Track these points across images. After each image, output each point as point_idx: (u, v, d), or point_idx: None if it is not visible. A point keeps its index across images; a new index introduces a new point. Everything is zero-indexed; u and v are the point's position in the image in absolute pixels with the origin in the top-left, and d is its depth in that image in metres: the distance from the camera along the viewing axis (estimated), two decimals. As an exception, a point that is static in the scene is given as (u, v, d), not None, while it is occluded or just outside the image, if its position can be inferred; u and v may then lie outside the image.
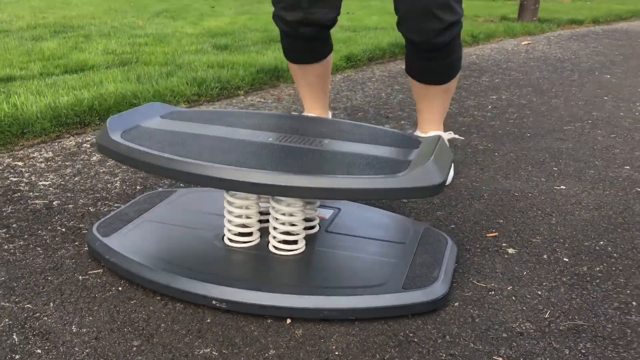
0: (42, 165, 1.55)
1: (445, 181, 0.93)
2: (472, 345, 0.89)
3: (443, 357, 0.86)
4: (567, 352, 0.88)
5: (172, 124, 1.13)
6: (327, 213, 1.22)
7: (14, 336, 0.87)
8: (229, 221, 1.07)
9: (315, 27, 1.47)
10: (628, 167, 1.69)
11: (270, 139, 1.06)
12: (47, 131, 1.78)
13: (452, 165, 1.61)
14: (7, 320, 0.91)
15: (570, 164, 1.70)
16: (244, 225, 1.08)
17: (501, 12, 6.42)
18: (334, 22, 1.49)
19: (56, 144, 1.72)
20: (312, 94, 1.72)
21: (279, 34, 1.61)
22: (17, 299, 0.96)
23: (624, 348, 0.89)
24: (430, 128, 1.61)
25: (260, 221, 1.11)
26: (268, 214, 1.14)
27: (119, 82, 2.28)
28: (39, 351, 0.84)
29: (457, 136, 1.69)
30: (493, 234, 1.26)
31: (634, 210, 1.40)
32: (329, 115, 1.82)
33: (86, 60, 2.80)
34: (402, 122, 2.11)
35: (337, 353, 0.86)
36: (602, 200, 1.45)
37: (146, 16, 5.57)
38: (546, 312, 0.98)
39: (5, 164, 1.55)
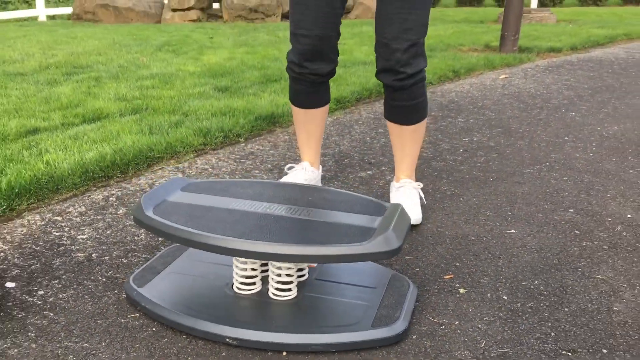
0: (78, 219, 1.85)
1: (401, 246, 1.23)
2: (422, 370, 1.19)
3: (399, 380, 1.15)
4: (493, 374, 1.17)
5: (190, 197, 1.43)
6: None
7: (79, 369, 1.16)
8: (236, 273, 1.37)
9: (318, 77, 1.92)
10: (572, 210, 2.00)
11: (268, 210, 1.36)
12: (77, 186, 2.08)
13: (421, 209, 1.92)
14: (71, 356, 1.20)
15: (523, 208, 2.01)
16: (248, 276, 1.38)
17: (485, 39, 6.77)
18: (333, 72, 1.95)
19: (86, 197, 2.03)
20: (309, 142, 2.07)
21: (289, 80, 2.00)
22: (76, 340, 1.26)
23: (537, 370, 1.19)
24: (405, 175, 1.95)
25: (262, 271, 1.41)
26: (267, 264, 1.44)
27: (135, 134, 2.59)
28: (99, 380, 1.13)
29: (421, 194, 1.99)
30: (449, 276, 1.56)
31: (569, 252, 1.70)
32: (319, 166, 2.13)
33: (101, 109, 3.11)
34: (383, 168, 2.41)
35: (320, 378, 1.15)
36: (544, 243, 1.76)
37: (149, 50, 5.90)
38: (482, 342, 1.28)
39: (47, 219, 1.85)
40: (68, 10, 13.95)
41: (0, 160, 2.22)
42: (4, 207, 1.88)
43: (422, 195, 1.98)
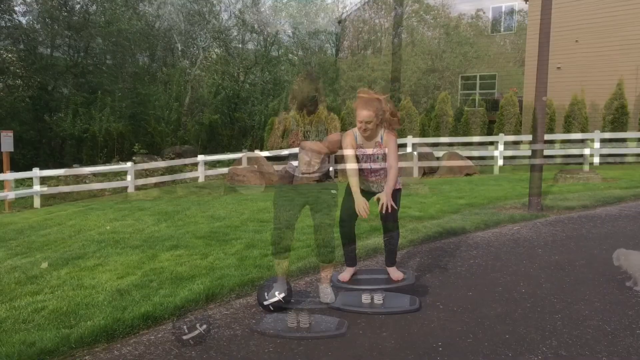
0: (231, 310, 5.29)
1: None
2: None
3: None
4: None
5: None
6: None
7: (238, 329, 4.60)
8: (288, 318, 4.90)
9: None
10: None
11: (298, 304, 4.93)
12: (206, 304, 5.54)
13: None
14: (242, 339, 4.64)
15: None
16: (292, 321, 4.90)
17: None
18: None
19: (225, 302, 5.48)
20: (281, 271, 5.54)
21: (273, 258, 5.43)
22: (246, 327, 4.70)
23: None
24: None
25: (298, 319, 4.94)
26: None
27: (206, 278, 6.08)
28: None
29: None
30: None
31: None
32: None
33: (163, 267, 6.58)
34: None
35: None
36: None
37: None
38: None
39: (231, 313, 5.26)
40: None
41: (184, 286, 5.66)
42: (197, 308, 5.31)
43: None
